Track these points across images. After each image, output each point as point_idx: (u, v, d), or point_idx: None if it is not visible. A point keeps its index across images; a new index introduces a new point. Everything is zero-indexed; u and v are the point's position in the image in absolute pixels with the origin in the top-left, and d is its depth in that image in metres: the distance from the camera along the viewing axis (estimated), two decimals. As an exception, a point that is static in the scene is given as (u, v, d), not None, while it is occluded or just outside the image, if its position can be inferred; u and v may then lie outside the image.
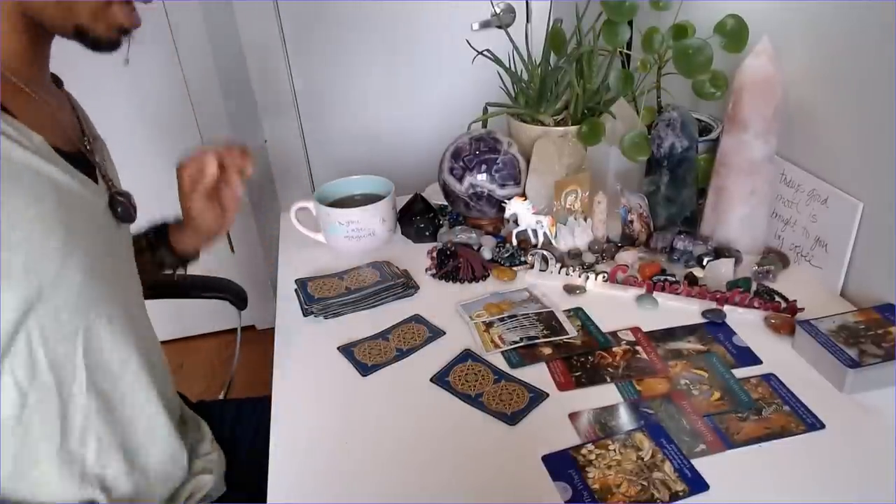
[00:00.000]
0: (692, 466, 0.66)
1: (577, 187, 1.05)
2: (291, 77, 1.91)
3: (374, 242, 1.08)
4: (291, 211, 1.10)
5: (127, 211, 0.72)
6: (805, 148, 0.96)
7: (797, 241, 0.98)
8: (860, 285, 0.89)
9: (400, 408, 0.77)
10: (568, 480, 0.65)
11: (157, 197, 0.90)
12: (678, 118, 0.99)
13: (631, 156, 1.04)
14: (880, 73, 0.81)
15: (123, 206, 0.72)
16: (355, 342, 0.88)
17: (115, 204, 0.71)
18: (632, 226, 1.04)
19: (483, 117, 1.16)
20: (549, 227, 1.03)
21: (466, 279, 1.00)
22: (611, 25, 1.06)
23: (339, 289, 0.96)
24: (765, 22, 0.98)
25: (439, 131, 1.41)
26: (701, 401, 0.74)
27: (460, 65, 1.33)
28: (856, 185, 0.87)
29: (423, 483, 0.67)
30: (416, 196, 1.16)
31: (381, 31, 1.90)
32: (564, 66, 1.06)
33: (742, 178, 0.97)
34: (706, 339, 0.85)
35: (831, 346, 0.75)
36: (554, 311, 0.90)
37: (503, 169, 1.04)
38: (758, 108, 0.92)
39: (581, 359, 0.82)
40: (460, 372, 0.81)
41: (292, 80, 1.92)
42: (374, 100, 1.99)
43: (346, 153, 2.05)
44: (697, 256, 0.98)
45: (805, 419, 0.71)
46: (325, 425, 0.75)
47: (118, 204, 0.71)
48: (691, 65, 0.99)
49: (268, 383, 0.82)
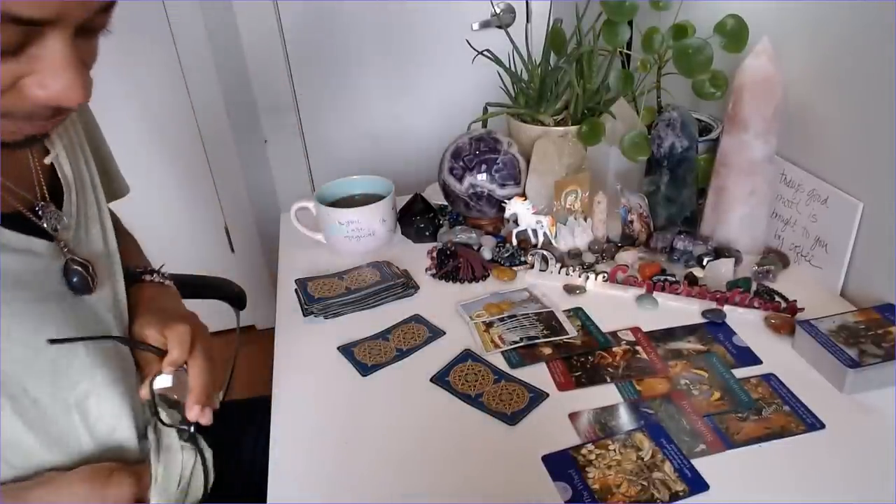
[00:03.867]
0: (692, 466, 0.66)
1: (577, 187, 1.05)
2: (291, 77, 1.92)
3: (374, 242, 1.08)
4: (291, 211, 1.10)
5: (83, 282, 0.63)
6: (805, 148, 0.96)
7: (797, 241, 0.98)
8: (860, 285, 0.89)
9: (400, 408, 0.77)
10: (568, 480, 0.65)
11: (157, 197, 0.90)
12: (678, 118, 0.99)
13: (631, 156, 1.04)
14: (880, 73, 0.81)
15: (79, 276, 0.62)
16: (355, 342, 0.88)
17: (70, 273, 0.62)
18: (632, 226, 1.04)
19: (483, 117, 1.16)
20: (549, 227, 1.03)
21: (466, 279, 1.00)
22: (611, 25, 1.07)
23: (339, 289, 0.96)
24: (765, 22, 0.98)
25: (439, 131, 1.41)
26: (701, 401, 0.74)
27: (460, 65, 1.33)
28: (856, 185, 0.87)
29: (423, 483, 0.67)
30: (416, 196, 1.16)
31: (382, 31, 1.90)
32: (564, 66, 1.06)
33: (742, 178, 0.97)
34: (706, 339, 0.85)
35: (831, 346, 0.75)
36: (554, 311, 0.90)
37: (503, 169, 1.04)
38: (758, 108, 0.92)
39: (581, 359, 0.82)
40: (460, 372, 0.81)
41: (292, 80, 1.92)
42: (374, 100, 2.00)
43: (346, 153, 2.06)
44: (697, 256, 0.98)
45: (805, 419, 0.71)
46: (325, 425, 0.75)
47: (73, 273, 0.62)
48: (691, 65, 0.99)
49: (268, 383, 0.82)
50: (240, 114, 1.92)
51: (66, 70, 0.47)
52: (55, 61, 0.47)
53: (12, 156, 0.62)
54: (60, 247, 0.63)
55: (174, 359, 0.67)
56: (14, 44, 0.45)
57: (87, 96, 0.50)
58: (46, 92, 0.48)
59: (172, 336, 0.68)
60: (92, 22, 0.49)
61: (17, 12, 0.42)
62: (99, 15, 0.49)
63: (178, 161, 1.93)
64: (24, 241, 0.59)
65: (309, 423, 0.76)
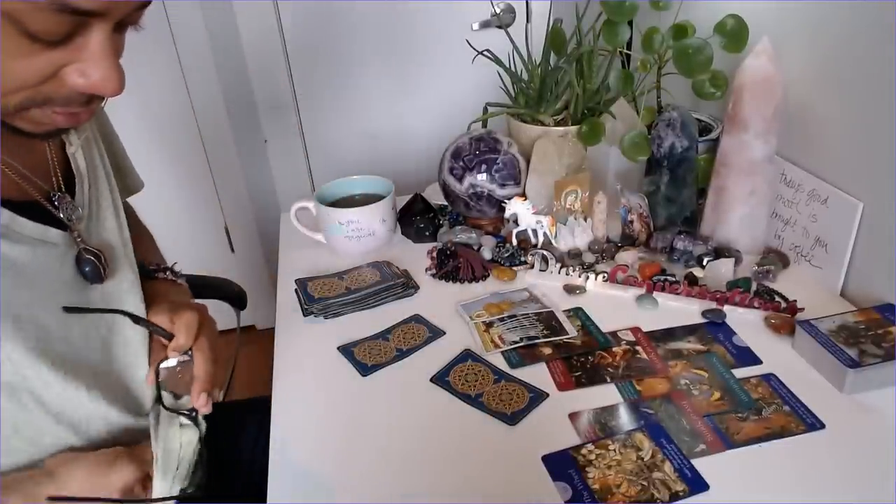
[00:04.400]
0: (692, 466, 0.66)
1: (577, 187, 1.05)
2: (291, 77, 1.92)
3: (374, 242, 1.08)
4: (291, 211, 1.10)
5: (96, 271, 0.65)
6: (805, 148, 0.96)
7: (797, 241, 0.98)
8: (860, 285, 0.89)
9: (400, 408, 0.77)
10: (568, 480, 0.65)
11: (157, 197, 0.90)
12: (678, 118, 0.99)
13: (631, 156, 1.04)
14: (880, 72, 0.81)
15: (92, 266, 0.65)
16: (355, 342, 0.88)
17: (83, 262, 0.64)
18: (632, 226, 1.04)
19: (483, 117, 1.16)
20: (549, 227, 1.03)
21: (466, 279, 1.00)
22: (611, 25, 1.07)
23: (339, 289, 0.96)
24: (765, 22, 0.98)
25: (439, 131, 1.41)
26: (701, 401, 0.74)
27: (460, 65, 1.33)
28: (856, 185, 0.87)
29: (423, 483, 0.67)
30: (416, 196, 1.16)
31: (382, 30, 1.90)
32: (564, 66, 1.06)
33: (742, 178, 0.97)
34: (706, 339, 0.85)
35: (831, 346, 0.75)
36: (554, 311, 0.90)
37: (503, 169, 1.04)
38: (758, 108, 0.92)
39: (581, 359, 0.82)
40: (460, 372, 0.81)
41: (292, 80, 1.92)
42: (374, 100, 2.00)
43: (346, 153, 2.06)
44: (697, 256, 0.98)
45: (805, 419, 0.71)
46: (325, 425, 0.75)
47: (85, 262, 0.64)
48: (691, 65, 0.99)
49: (268, 383, 0.82)
50: (240, 114, 1.92)
51: (105, 60, 0.50)
52: (98, 52, 0.50)
53: (31, 146, 0.65)
54: (74, 236, 0.65)
55: (180, 344, 0.69)
56: (63, 33, 0.47)
57: (122, 87, 0.52)
58: (87, 80, 0.51)
59: (179, 322, 0.70)
60: (129, 18, 0.52)
61: (76, 4, 0.45)
62: (137, 11, 0.53)
63: (178, 161, 1.93)
64: (41, 231, 0.62)
65: (309, 423, 0.76)
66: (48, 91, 0.51)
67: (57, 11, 0.45)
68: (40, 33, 0.46)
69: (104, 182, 0.74)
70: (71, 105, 0.53)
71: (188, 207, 2.00)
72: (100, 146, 0.76)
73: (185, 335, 0.69)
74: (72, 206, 0.66)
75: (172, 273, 0.84)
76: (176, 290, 0.81)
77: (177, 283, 0.83)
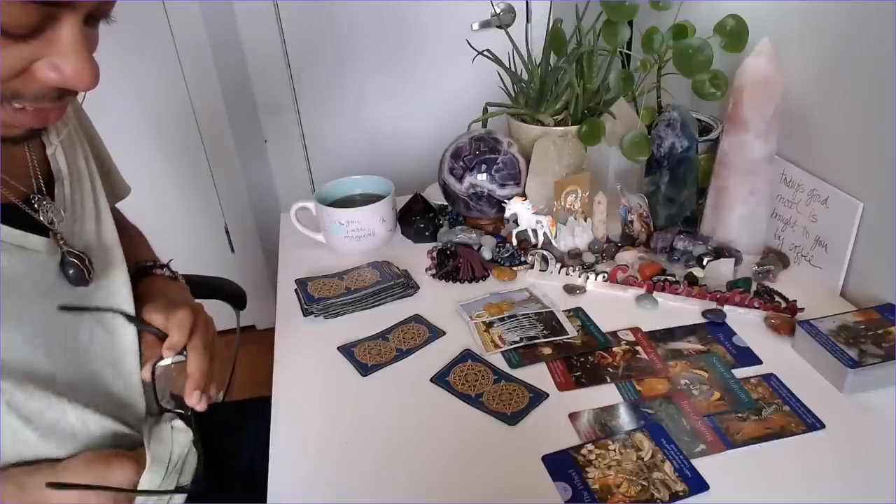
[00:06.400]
0: (692, 466, 0.66)
1: (577, 187, 1.05)
2: (291, 77, 1.92)
3: (374, 242, 1.08)
4: (291, 211, 1.10)
5: (80, 274, 0.63)
6: (805, 148, 0.96)
7: (797, 241, 0.98)
8: (860, 285, 0.89)
9: (400, 408, 0.77)
10: (568, 480, 0.65)
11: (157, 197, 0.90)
12: (678, 118, 0.99)
13: (631, 156, 1.04)
14: (880, 73, 0.81)
15: (75, 268, 0.63)
16: (355, 342, 0.88)
17: (66, 264, 0.63)
18: (632, 226, 1.04)
19: (483, 117, 1.16)
20: (549, 227, 1.03)
21: (466, 279, 1.00)
22: (611, 25, 1.07)
23: (339, 289, 0.96)
24: (765, 22, 0.98)
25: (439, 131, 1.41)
26: (701, 401, 0.74)
27: (460, 65, 1.33)
28: (856, 185, 0.87)
29: (422, 483, 0.67)
30: (416, 196, 1.16)
31: (382, 30, 1.90)
32: (564, 66, 1.06)
33: (742, 178, 0.97)
34: (706, 339, 0.85)
35: (831, 347, 0.75)
36: (554, 311, 0.90)
37: (503, 169, 1.04)
38: (758, 108, 0.92)
39: (581, 359, 0.82)
40: (460, 372, 0.81)
41: (292, 80, 1.92)
42: (373, 100, 2.00)
43: (346, 153, 2.06)
44: (697, 256, 0.98)
45: (805, 419, 0.71)
46: (325, 425, 0.75)
47: (69, 265, 0.63)
48: (691, 65, 0.99)
49: (268, 383, 0.82)
50: (240, 114, 1.92)
51: (77, 53, 0.49)
52: (69, 45, 0.49)
53: (9, 150, 0.63)
54: (57, 239, 0.63)
55: (173, 342, 0.68)
56: (32, 26, 0.47)
57: (96, 81, 0.51)
58: (59, 74, 0.50)
59: (173, 320, 0.69)
60: (99, 9, 0.51)
61: None
62: (105, 3, 0.51)
63: (178, 161, 1.93)
64: (20, 238, 0.60)
65: (309, 423, 0.76)
66: (19, 87, 0.50)
67: (24, 2, 0.44)
68: (8, 26, 0.45)
69: (87, 183, 0.72)
70: (41, 101, 0.52)
71: (188, 207, 2.00)
72: (84, 146, 0.74)
73: (179, 334, 0.69)
74: (53, 208, 0.64)
75: (169, 270, 0.83)
76: (174, 287, 0.81)
77: (175, 280, 0.82)
